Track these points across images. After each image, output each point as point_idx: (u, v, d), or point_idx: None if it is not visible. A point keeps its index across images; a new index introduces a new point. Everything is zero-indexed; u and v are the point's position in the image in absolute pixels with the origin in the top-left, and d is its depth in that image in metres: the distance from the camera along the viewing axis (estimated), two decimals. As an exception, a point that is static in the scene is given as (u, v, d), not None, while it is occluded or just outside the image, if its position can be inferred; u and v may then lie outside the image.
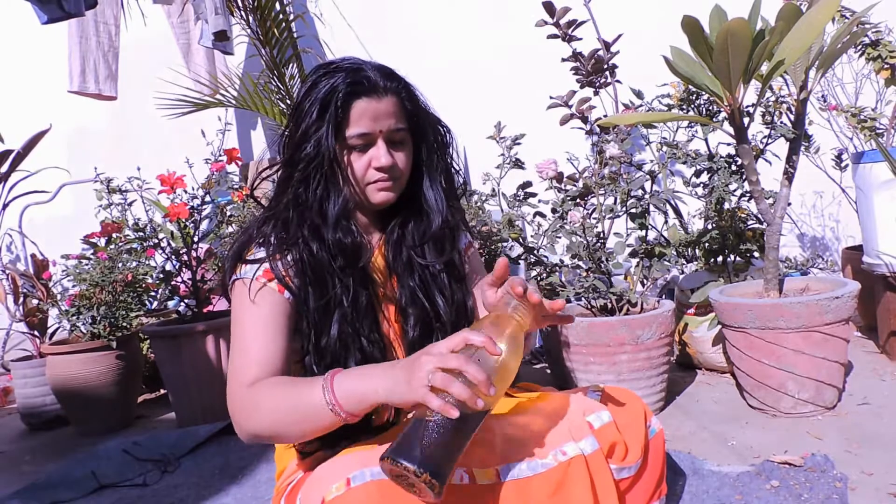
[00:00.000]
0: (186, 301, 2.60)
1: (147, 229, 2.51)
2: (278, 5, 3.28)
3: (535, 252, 2.40)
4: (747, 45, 1.58)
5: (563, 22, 2.53)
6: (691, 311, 2.36)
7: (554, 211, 2.26)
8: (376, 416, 1.11)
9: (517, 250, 2.49)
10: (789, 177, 1.90)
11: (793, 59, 1.68)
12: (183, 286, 2.59)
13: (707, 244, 2.42)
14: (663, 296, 2.84)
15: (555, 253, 2.42)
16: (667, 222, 2.57)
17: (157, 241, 2.51)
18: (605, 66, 2.56)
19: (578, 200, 2.22)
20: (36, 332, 2.84)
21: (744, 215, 2.41)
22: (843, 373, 1.89)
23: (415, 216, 1.16)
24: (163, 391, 2.94)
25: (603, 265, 2.17)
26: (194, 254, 2.52)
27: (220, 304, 2.81)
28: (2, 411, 3.06)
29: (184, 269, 2.54)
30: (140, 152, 3.75)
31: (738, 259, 2.39)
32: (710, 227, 2.45)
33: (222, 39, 3.13)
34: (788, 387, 1.81)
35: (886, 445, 1.60)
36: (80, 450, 2.28)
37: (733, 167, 2.32)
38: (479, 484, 0.96)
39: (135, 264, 2.57)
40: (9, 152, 2.85)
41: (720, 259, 2.42)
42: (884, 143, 2.44)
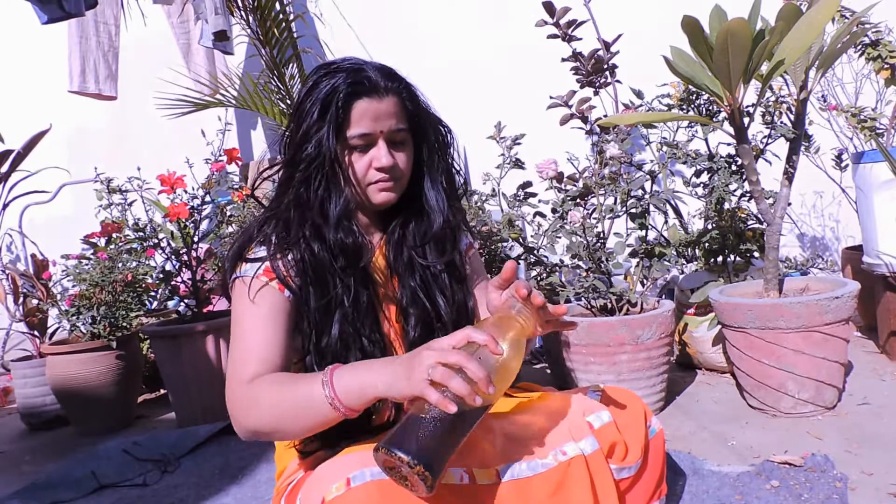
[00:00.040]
0: (186, 301, 2.60)
1: (147, 229, 2.51)
2: (278, 5, 3.29)
3: (535, 252, 2.40)
4: (747, 45, 1.58)
5: (563, 22, 2.53)
6: (691, 311, 2.36)
7: (554, 211, 2.26)
8: (377, 416, 1.11)
9: (517, 250, 2.49)
10: (789, 177, 1.90)
11: (793, 59, 1.68)
12: (183, 286, 2.59)
13: (707, 244, 2.42)
14: (663, 296, 2.84)
15: (555, 253, 2.42)
16: (667, 222, 2.57)
17: (157, 241, 2.51)
18: (605, 66, 2.56)
19: (578, 200, 2.21)
20: (36, 332, 2.84)
21: (744, 215, 2.41)
22: (843, 373, 1.89)
23: (416, 216, 1.16)
24: (163, 391, 2.94)
25: (603, 265, 2.17)
26: (194, 254, 2.52)
27: (220, 304, 2.81)
28: (2, 411, 3.06)
29: (184, 269, 2.54)
30: (140, 152, 3.75)
31: (738, 259, 2.39)
32: (710, 227, 2.45)
33: (222, 39, 3.13)
34: (788, 387, 1.81)
35: (886, 445, 1.60)
36: (80, 450, 2.28)
37: (733, 167, 2.32)
38: (478, 484, 0.96)
39: (135, 264, 2.57)
40: (9, 152, 2.84)
41: (720, 259, 2.42)
42: (884, 143, 2.44)
